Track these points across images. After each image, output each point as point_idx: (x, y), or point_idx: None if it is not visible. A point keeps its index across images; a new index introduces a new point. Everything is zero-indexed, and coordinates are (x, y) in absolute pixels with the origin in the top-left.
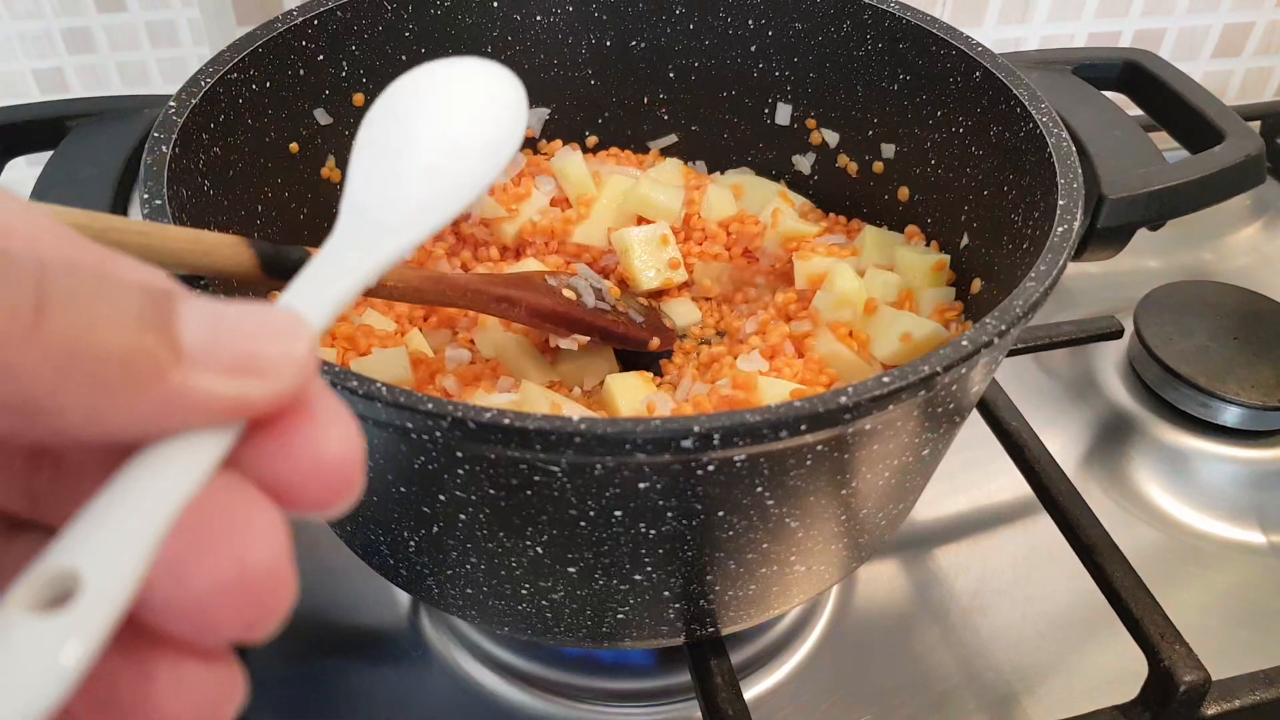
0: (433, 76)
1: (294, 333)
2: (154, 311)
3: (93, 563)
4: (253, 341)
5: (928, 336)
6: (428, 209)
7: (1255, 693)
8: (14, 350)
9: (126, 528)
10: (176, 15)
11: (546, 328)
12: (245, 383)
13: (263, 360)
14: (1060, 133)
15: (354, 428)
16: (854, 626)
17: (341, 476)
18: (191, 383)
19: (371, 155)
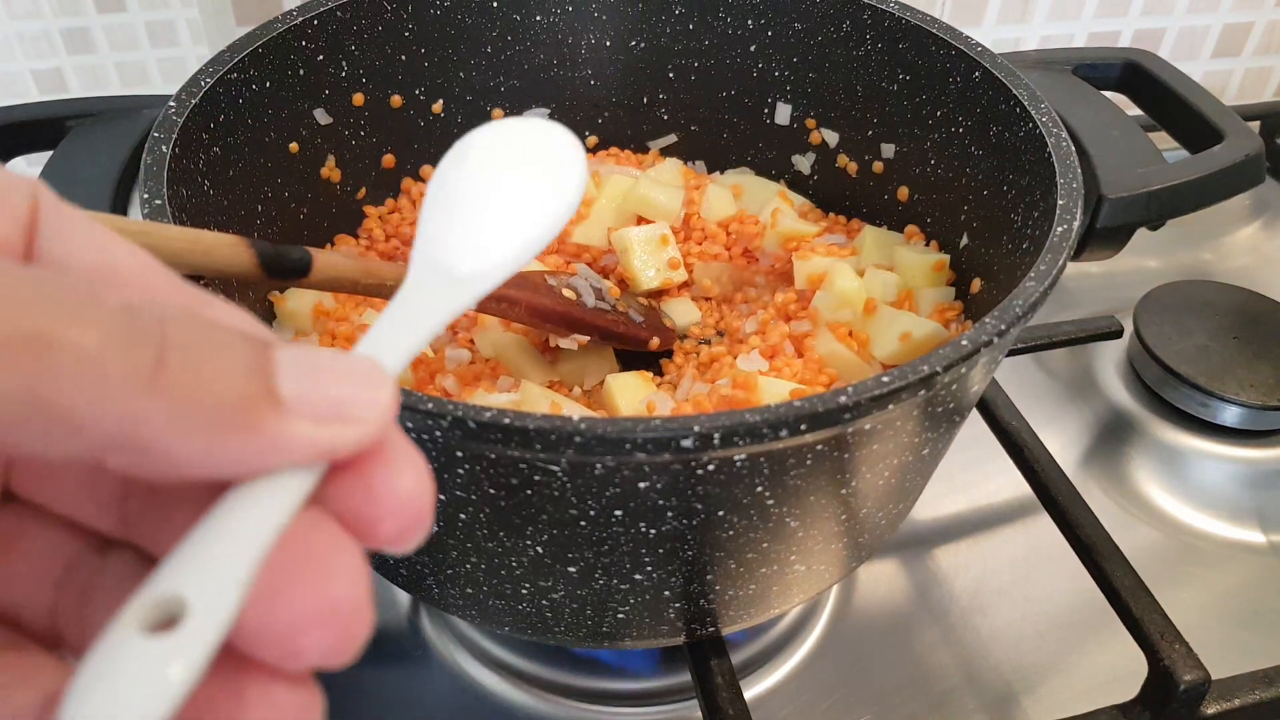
0: (503, 134)
1: (378, 382)
2: (257, 362)
3: (197, 590)
4: (342, 389)
5: (927, 336)
6: (495, 262)
7: (1255, 692)
8: (138, 399)
9: (226, 558)
10: (176, 15)
11: (546, 327)
12: (335, 429)
13: (351, 407)
14: (1060, 133)
15: (425, 468)
16: (854, 626)
17: (415, 514)
18: (288, 429)
19: (443, 207)
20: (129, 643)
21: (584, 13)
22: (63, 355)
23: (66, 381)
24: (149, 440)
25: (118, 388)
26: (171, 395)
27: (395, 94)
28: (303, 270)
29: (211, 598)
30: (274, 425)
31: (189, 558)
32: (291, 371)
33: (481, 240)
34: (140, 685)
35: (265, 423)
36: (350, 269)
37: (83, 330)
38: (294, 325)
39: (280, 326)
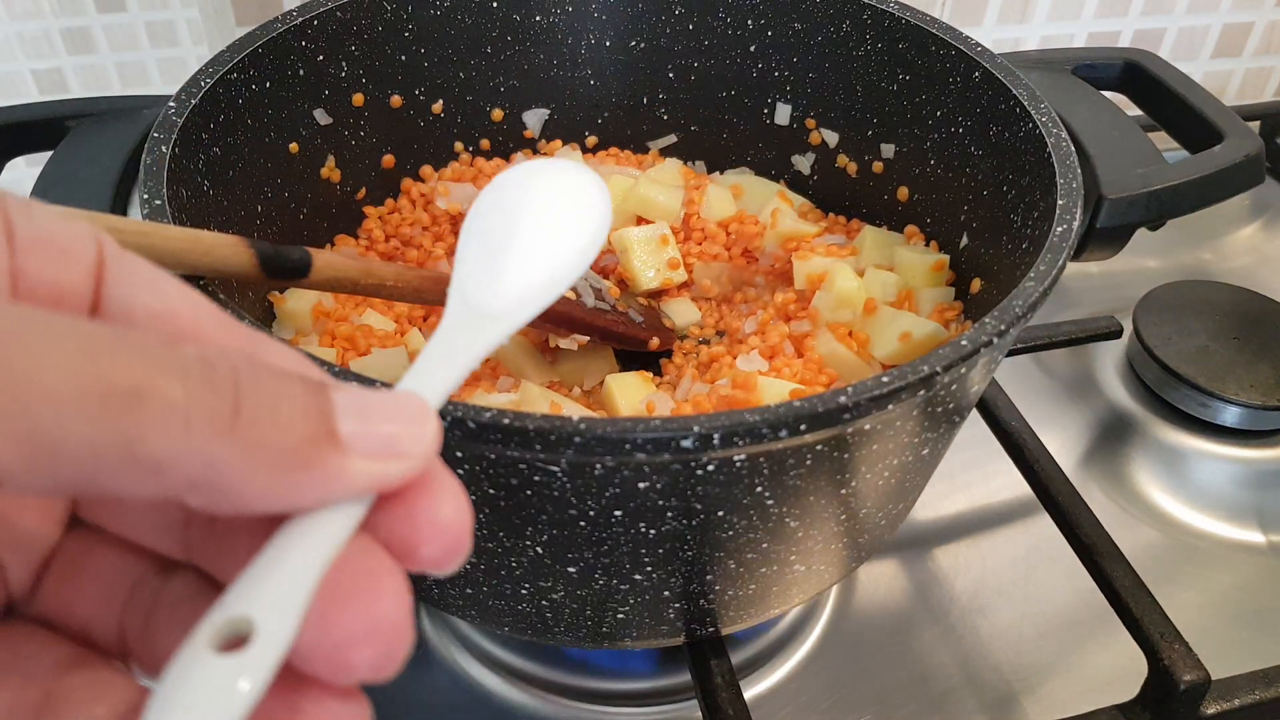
0: (535, 176)
1: (425, 418)
2: (318, 405)
3: (263, 612)
4: (393, 427)
5: (927, 336)
6: (526, 299)
7: (1255, 692)
8: (218, 445)
9: (288, 583)
10: (176, 15)
11: (546, 327)
12: (388, 463)
13: (401, 443)
14: (1060, 133)
15: (465, 497)
16: (854, 626)
17: (455, 539)
18: (345, 466)
19: (478, 246)
20: (202, 659)
21: (584, 13)
22: (152, 407)
23: (155, 431)
24: (226, 482)
25: (200, 435)
26: (247, 440)
27: (395, 94)
28: (302, 270)
29: (275, 618)
30: (334, 463)
31: (254, 582)
32: (348, 411)
33: (513, 279)
34: (213, 698)
35: (327, 461)
36: (350, 269)
37: (169, 383)
38: (294, 325)
39: (280, 326)
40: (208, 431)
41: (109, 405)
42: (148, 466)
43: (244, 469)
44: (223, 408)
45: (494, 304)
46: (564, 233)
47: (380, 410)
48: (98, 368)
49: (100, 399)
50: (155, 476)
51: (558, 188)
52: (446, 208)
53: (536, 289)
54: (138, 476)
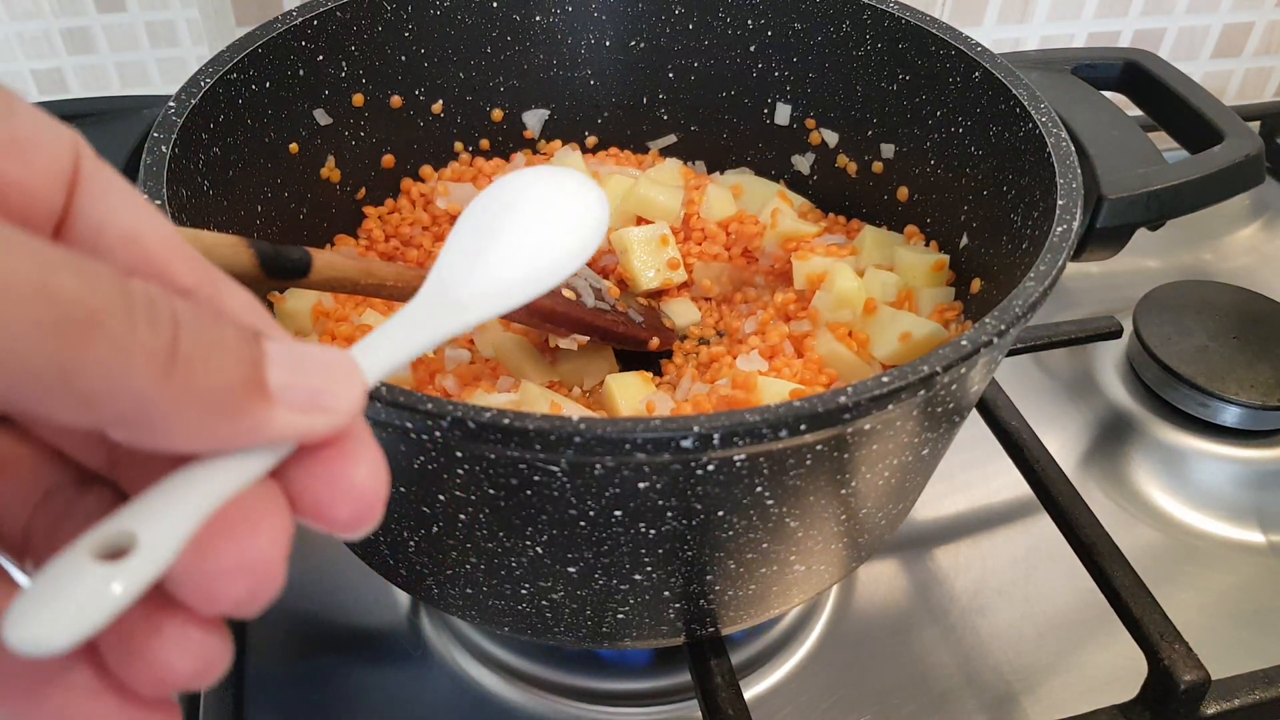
0: (534, 179)
1: (353, 378)
2: (251, 354)
3: (147, 530)
4: (321, 382)
5: (927, 336)
6: (500, 293)
7: (1255, 692)
8: (152, 385)
9: (180, 510)
10: (176, 16)
11: (546, 327)
12: (311, 418)
13: (326, 399)
14: (1060, 133)
15: (383, 464)
16: (854, 626)
17: (368, 504)
18: (270, 416)
19: (465, 236)
20: (80, 562)
21: (584, 13)
22: (96, 341)
23: (95, 365)
24: (153, 421)
25: (137, 374)
26: (179, 384)
27: (395, 94)
28: (302, 270)
29: (158, 538)
30: (260, 412)
31: (147, 503)
32: (279, 363)
33: (491, 272)
34: (83, 596)
35: (254, 410)
36: (350, 269)
37: (116, 319)
38: (294, 325)
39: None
40: (144, 371)
41: (55, 333)
42: (80, 398)
43: (172, 411)
44: (161, 349)
45: (465, 293)
46: (552, 234)
47: (310, 365)
48: (49, 293)
49: (47, 326)
50: (85, 408)
51: (554, 192)
52: (446, 208)
53: (513, 285)
54: (68, 406)
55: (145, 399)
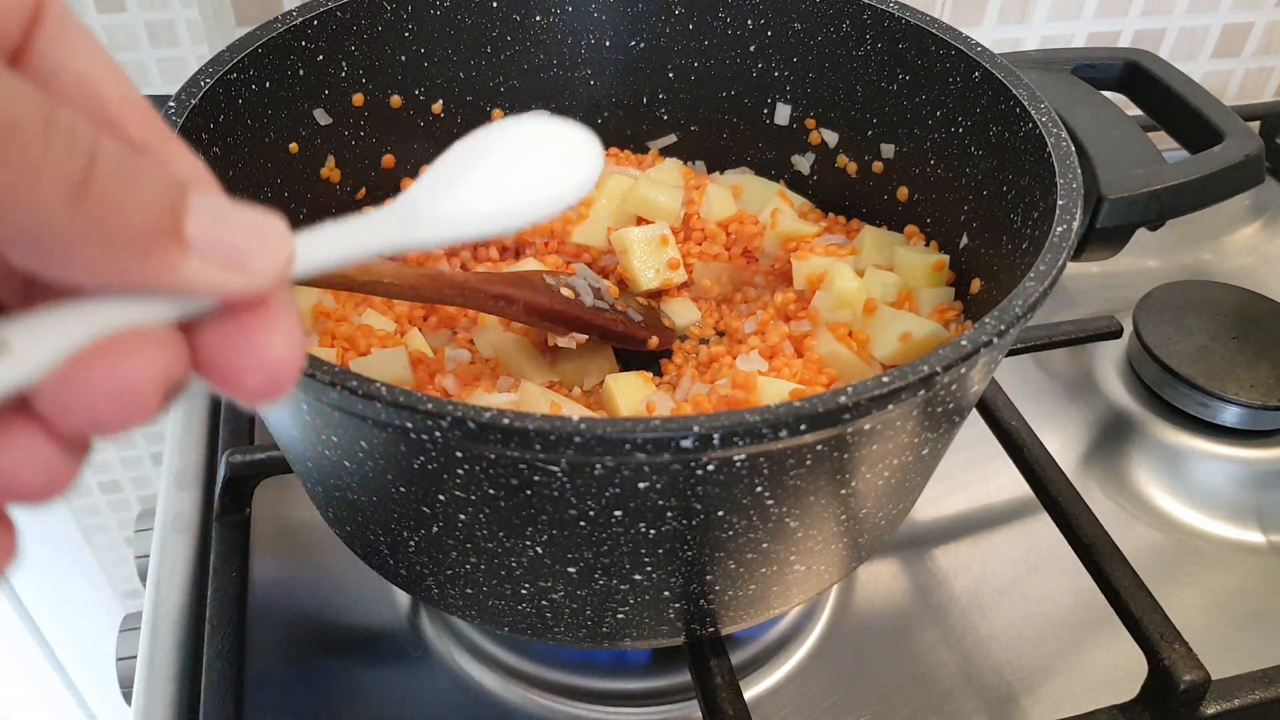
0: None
1: (280, 242)
2: (171, 200)
3: (23, 342)
4: (245, 240)
5: (927, 336)
6: (462, 220)
7: (1255, 692)
8: (56, 210)
9: (63, 330)
10: (175, 15)
11: (545, 326)
12: (227, 275)
13: (247, 259)
14: (1060, 133)
15: (300, 339)
16: (854, 626)
17: (276, 376)
18: (182, 264)
19: (446, 163)
20: None
21: (584, 13)
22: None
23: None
24: (54, 247)
25: (44, 195)
26: (89, 214)
27: (395, 94)
28: None
29: (32, 350)
30: (172, 258)
31: (35, 318)
32: (201, 215)
33: (458, 197)
34: None
35: (166, 254)
36: None
37: (28, 133)
38: None
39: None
40: (52, 192)
41: None
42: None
43: (77, 240)
44: (73, 174)
45: (427, 212)
46: (534, 175)
47: (236, 222)
48: None
49: None
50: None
51: (548, 136)
52: None
53: (479, 215)
54: None
55: (49, 223)
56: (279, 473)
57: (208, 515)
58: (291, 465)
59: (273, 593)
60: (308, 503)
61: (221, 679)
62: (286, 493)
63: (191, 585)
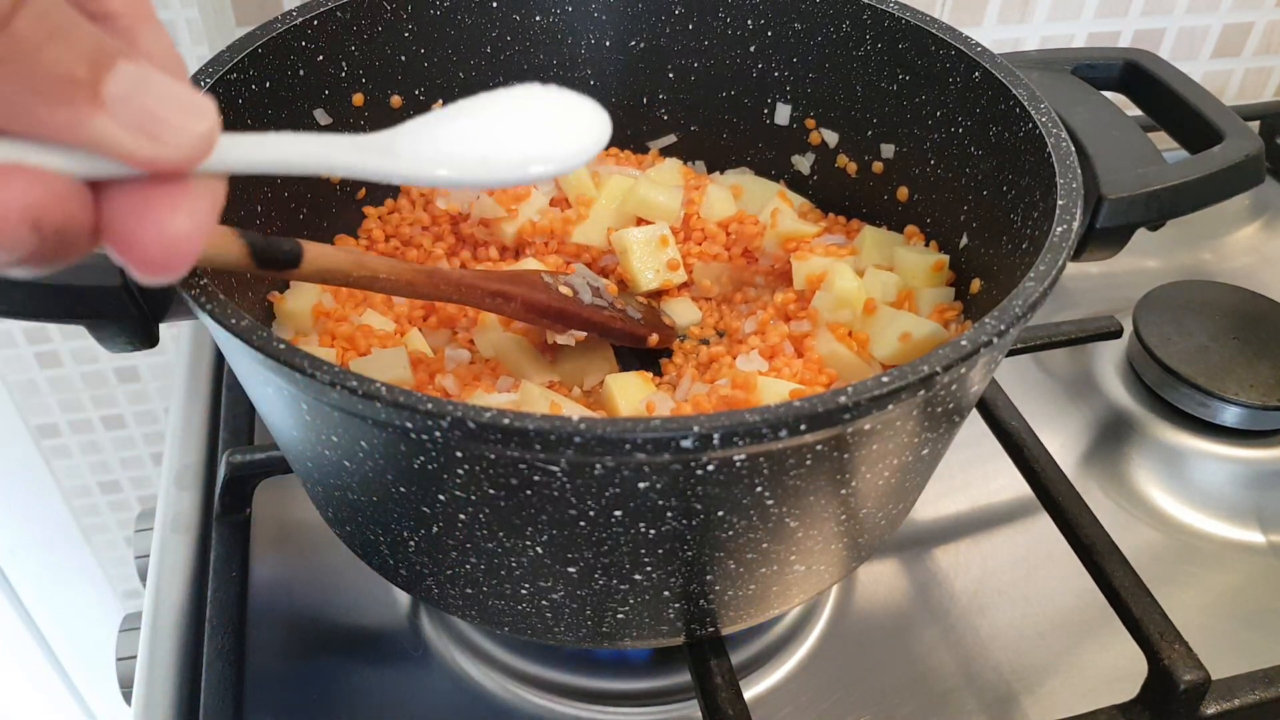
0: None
1: (200, 114)
2: (96, 58)
3: None
4: (165, 111)
5: (927, 336)
6: (436, 161)
7: (1255, 692)
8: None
9: None
10: (175, 16)
11: (543, 323)
12: (136, 140)
13: (161, 129)
14: (1059, 133)
15: (206, 223)
16: (854, 626)
17: (173, 252)
18: (95, 123)
19: (439, 110)
20: None
21: (584, 13)
22: None
23: None
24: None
25: None
26: (8, 45)
27: (395, 94)
28: (293, 261)
29: None
30: (85, 114)
31: None
32: (124, 78)
33: (442, 140)
34: None
35: (78, 109)
36: (342, 260)
37: None
38: (293, 325)
39: (279, 326)
40: None
41: None
42: None
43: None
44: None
45: (407, 146)
46: (523, 137)
47: (159, 93)
48: None
49: None
50: None
51: (555, 103)
52: (446, 208)
53: (454, 161)
54: None
55: None
56: (279, 473)
57: (208, 515)
58: (291, 465)
59: (273, 593)
60: (308, 503)
61: (221, 679)
62: (286, 493)
63: (191, 585)
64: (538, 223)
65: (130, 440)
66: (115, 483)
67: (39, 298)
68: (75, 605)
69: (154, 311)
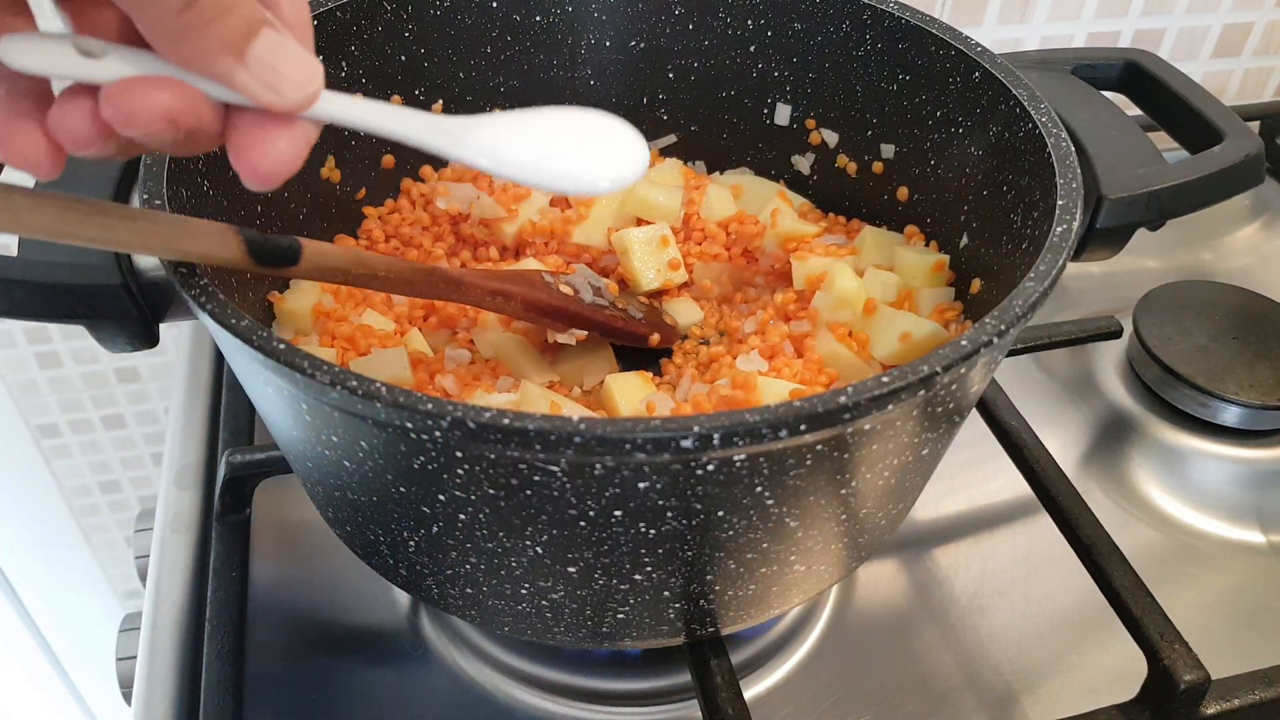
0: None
1: (310, 85)
2: (246, 30)
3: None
4: (287, 72)
5: (927, 336)
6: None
7: (1255, 692)
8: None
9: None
10: None
11: (543, 322)
12: (263, 90)
13: (282, 85)
14: (1060, 133)
15: (300, 153)
16: (854, 626)
17: (271, 165)
18: (235, 71)
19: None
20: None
21: (584, 13)
22: None
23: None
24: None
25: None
26: (186, 22)
27: (395, 94)
28: (291, 258)
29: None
30: (230, 63)
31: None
32: (265, 45)
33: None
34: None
35: (227, 63)
36: (341, 258)
37: None
38: (294, 325)
39: (279, 326)
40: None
41: None
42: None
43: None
44: None
45: (471, 135)
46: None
47: (288, 58)
48: None
49: None
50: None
51: (604, 130)
52: (446, 208)
53: (510, 158)
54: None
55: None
56: (279, 473)
57: (208, 515)
58: (291, 465)
59: (273, 593)
60: (308, 503)
61: (221, 679)
62: (286, 493)
63: (191, 585)
64: (538, 223)
65: (130, 440)
66: (115, 483)
67: (39, 298)
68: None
69: (154, 311)
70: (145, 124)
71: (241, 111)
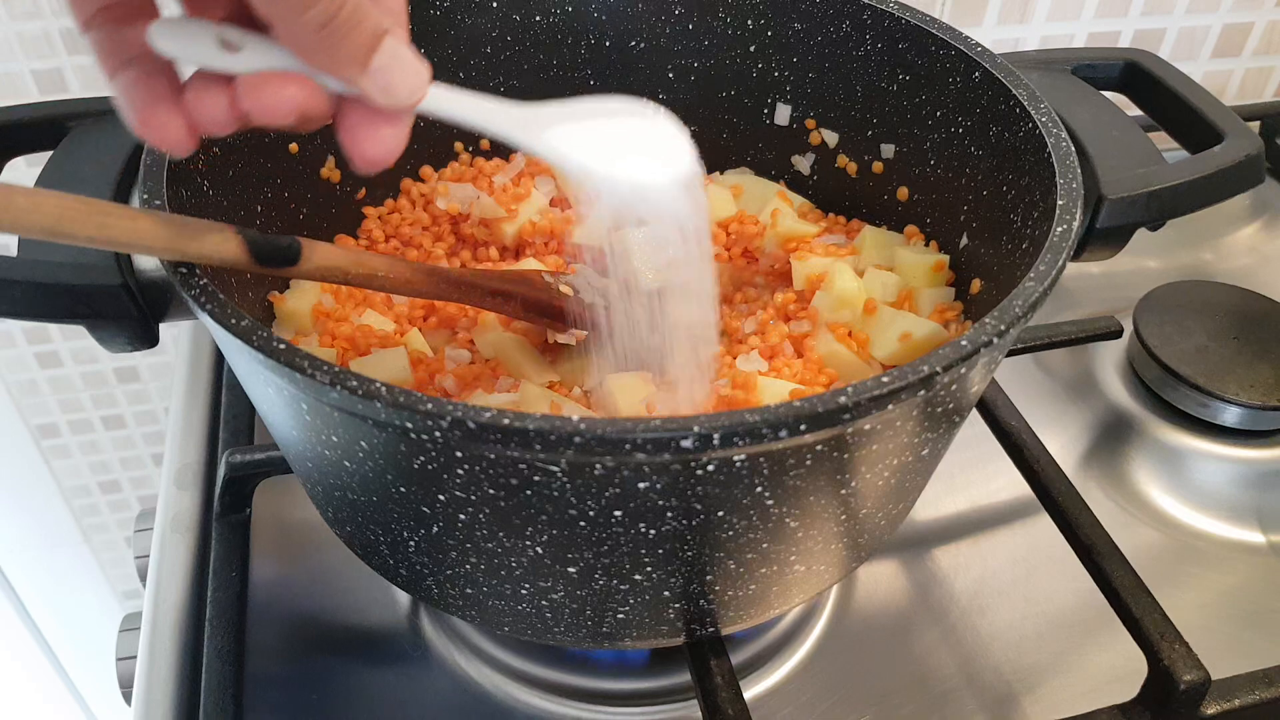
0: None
1: (419, 88)
2: (371, 43)
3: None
4: (401, 79)
5: (927, 336)
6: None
7: (1255, 692)
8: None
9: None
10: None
11: (544, 322)
12: (379, 91)
13: (395, 89)
14: (1060, 133)
15: (401, 141)
16: (854, 626)
17: (378, 149)
18: (358, 78)
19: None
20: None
21: (584, 13)
22: None
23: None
24: (298, 44)
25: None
26: (322, 38)
27: None
28: (292, 258)
29: (254, 57)
30: (355, 71)
31: (262, 41)
32: (384, 55)
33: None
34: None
35: (351, 69)
36: (341, 258)
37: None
38: (294, 325)
39: (280, 326)
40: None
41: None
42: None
43: (310, 46)
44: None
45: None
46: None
47: (402, 65)
48: None
49: None
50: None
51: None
52: (446, 208)
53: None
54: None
55: (300, 34)
56: (279, 473)
57: (208, 515)
58: (291, 465)
59: (273, 593)
60: (308, 503)
61: (221, 679)
62: (286, 493)
63: (191, 585)
64: (538, 223)
65: (130, 440)
66: (115, 483)
67: (39, 298)
68: (75, 605)
69: (154, 311)
70: (279, 115)
71: (353, 102)
